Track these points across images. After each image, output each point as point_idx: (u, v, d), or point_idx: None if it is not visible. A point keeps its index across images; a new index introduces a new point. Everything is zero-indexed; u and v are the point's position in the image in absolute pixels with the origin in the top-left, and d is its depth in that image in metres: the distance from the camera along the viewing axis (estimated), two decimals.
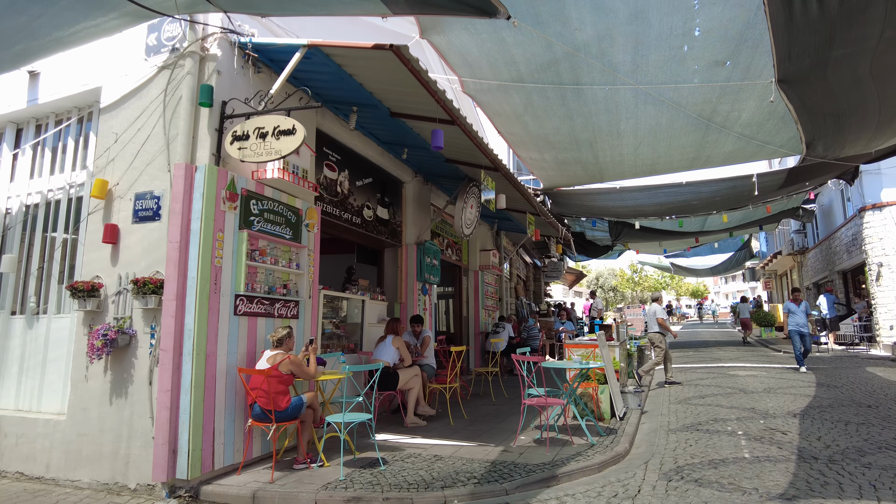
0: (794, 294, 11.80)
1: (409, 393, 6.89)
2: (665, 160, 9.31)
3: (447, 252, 11.17)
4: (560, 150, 8.69)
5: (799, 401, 8.03)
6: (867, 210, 15.09)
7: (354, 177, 7.73)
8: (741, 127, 7.51)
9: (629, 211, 14.46)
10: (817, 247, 21.04)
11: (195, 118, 5.25)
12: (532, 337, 12.52)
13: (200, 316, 4.85)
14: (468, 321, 12.20)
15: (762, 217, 16.18)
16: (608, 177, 10.88)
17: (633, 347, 11.54)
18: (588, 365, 6.11)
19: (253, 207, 5.52)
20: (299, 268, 6.13)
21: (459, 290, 12.00)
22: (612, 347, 8.30)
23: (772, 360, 13.91)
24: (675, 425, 6.77)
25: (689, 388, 9.68)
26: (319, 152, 6.98)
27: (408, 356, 6.93)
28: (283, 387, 5.04)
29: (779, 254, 25.87)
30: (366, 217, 7.94)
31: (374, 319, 8.04)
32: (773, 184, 12.00)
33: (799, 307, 11.38)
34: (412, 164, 9.07)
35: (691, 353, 16.89)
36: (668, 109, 6.83)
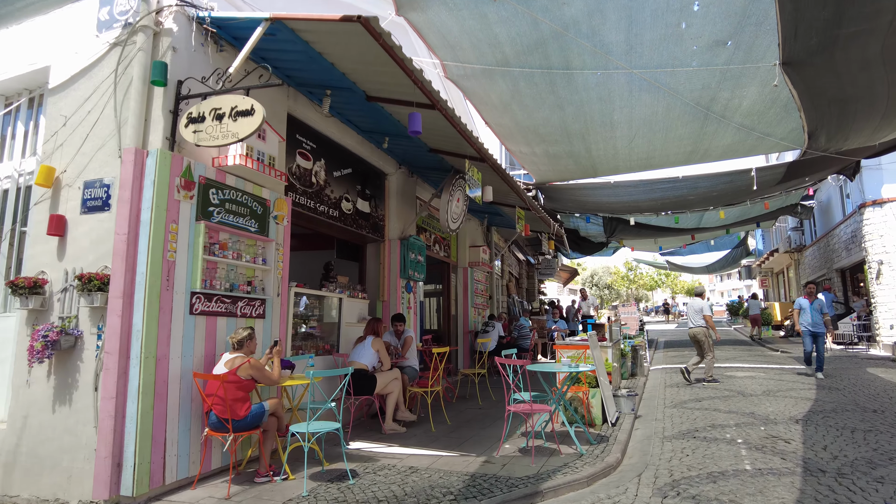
0: (808, 288, 10.44)
1: (388, 397, 6.46)
2: (661, 153, 8.89)
3: (434, 248, 10.74)
4: (551, 142, 8.26)
5: (800, 405, 7.63)
6: (867, 206, 14.72)
7: (331, 167, 7.29)
8: (741, 116, 7.10)
9: (624, 206, 14.06)
10: (815, 244, 20.69)
11: (148, 99, 4.80)
12: (523, 336, 12.09)
13: (150, 315, 4.40)
14: (457, 320, 11.77)
15: (760, 213, 15.84)
16: (602, 171, 10.47)
17: (627, 347, 11.14)
18: (577, 368, 5.69)
19: (213, 197, 5.07)
20: (266, 263, 5.68)
21: (448, 287, 11.57)
22: (605, 348, 7.89)
23: (770, 361, 13.54)
24: (671, 432, 6.36)
25: (685, 390, 9.28)
26: (291, 140, 6.53)
27: (387, 359, 6.50)
28: (242, 393, 4.60)
29: (775, 251, 25.53)
30: (344, 210, 7.49)
31: (353, 319, 7.61)
32: (772, 178, 11.62)
33: (811, 304, 10.10)
34: (396, 155, 8.62)
35: (686, 353, 16.49)
36: (665, 97, 6.40)
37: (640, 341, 13.32)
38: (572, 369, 5.67)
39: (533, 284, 24.00)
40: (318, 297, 7.06)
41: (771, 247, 27.48)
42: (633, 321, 15.23)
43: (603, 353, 7.84)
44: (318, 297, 7.05)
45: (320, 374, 4.60)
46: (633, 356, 11.27)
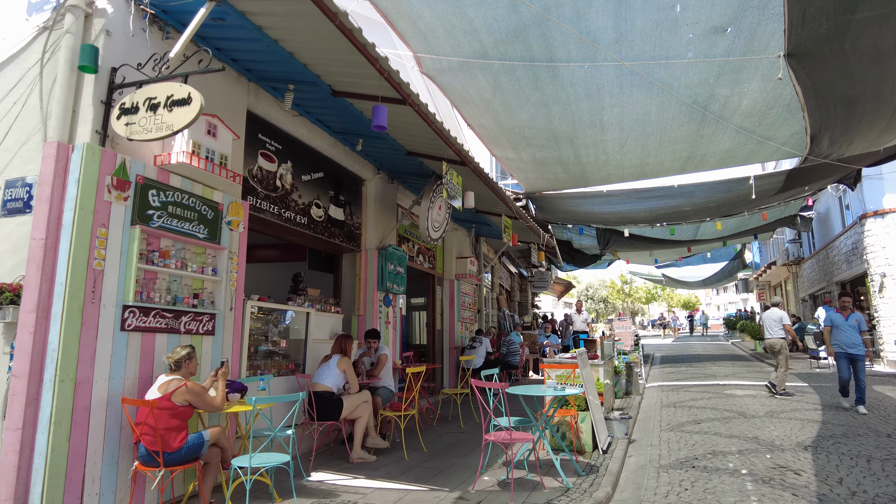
0: (841, 301, 8.58)
1: (356, 423, 5.86)
2: (655, 160, 8.39)
3: (418, 259, 10.18)
4: (537, 147, 7.74)
5: (807, 428, 7.06)
6: (868, 217, 14.26)
7: (300, 170, 6.74)
8: (741, 117, 6.61)
9: (617, 218, 13.56)
10: (813, 257, 20.22)
11: (77, 88, 4.25)
12: (512, 352, 11.52)
13: (69, 332, 3.82)
14: (442, 335, 11.17)
15: (758, 225, 15.36)
16: (592, 181, 9.96)
17: (620, 364, 10.56)
18: (564, 391, 5.11)
19: (152, 199, 4.51)
20: (216, 274, 5.10)
21: (433, 300, 10.99)
22: (596, 367, 7.32)
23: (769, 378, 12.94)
24: (668, 460, 5.77)
25: (683, 410, 8.70)
26: (254, 139, 6.00)
27: (354, 380, 5.91)
28: (177, 421, 4.01)
29: (773, 264, 25.06)
30: (314, 217, 6.94)
31: (324, 335, 7.02)
32: (770, 187, 11.14)
33: (846, 320, 8.32)
34: (373, 159, 8.09)
35: (684, 369, 15.93)
36: (658, 94, 5.90)
37: (635, 357, 12.74)
38: (558, 392, 5.10)
39: (526, 298, 23.43)
40: (282, 312, 6.48)
41: (768, 259, 27.02)
42: (627, 336, 14.69)
43: (594, 371, 7.27)
44: (282, 311, 6.47)
45: (264, 401, 4.01)
46: (628, 373, 10.69)
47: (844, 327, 8.35)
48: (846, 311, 8.45)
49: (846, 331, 8.32)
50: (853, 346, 8.28)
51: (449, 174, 6.26)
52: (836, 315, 8.53)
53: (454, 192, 6.36)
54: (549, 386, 5.34)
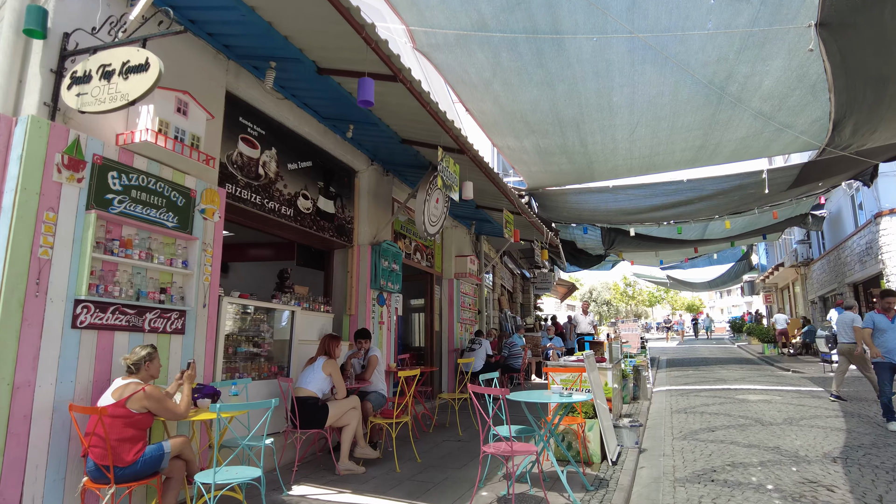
0: (885, 301, 7.31)
1: (344, 431, 5.37)
2: (666, 149, 7.89)
3: (415, 257, 9.70)
4: (541, 133, 7.26)
5: (832, 437, 6.55)
6: (884, 216, 13.74)
7: (286, 158, 6.27)
8: (760, 100, 6.12)
9: (623, 215, 13.05)
10: (823, 257, 19.68)
11: (23, 54, 3.79)
12: (514, 355, 11.02)
13: (6, 329, 3.34)
14: (441, 337, 10.68)
15: (768, 224, 14.85)
16: (599, 174, 9.46)
17: (628, 367, 10.06)
18: (570, 398, 4.62)
19: (113, 182, 4.03)
20: (187, 266, 4.62)
21: (431, 300, 10.50)
22: (604, 371, 6.82)
23: (782, 382, 12.44)
24: (683, 472, 5.27)
25: (695, 416, 8.19)
26: (234, 123, 5.53)
27: (341, 385, 5.42)
28: (133, 431, 3.52)
29: (781, 266, 24.52)
30: (301, 208, 6.46)
31: (312, 335, 6.53)
32: (784, 181, 10.63)
33: (893, 322, 7.14)
34: (366, 149, 7.61)
35: (691, 373, 15.40)
36: (673, 72, 5.42)
37: (642, 360, 12.24)
38: (564, 399, 4.60)
39: (528, 299, 22.93)
40: (266, 311, 5.99)
41: (775, 261, 26.49)
42: (633, 338, 14.19)
43: (602, 375, 6.77)
44: (266, 310, 5.98)
45: (230, 409, 3.52)
46: (636, 377, 10.18)
47: (890, 332, 7.14)
48: (891, 313, 7.23)
49: (891, 335, 7.12)
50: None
51: (445, 161, 5.78)
52: (878, 316, 7.32)
53: (451, 182, 5.88)
54: (554, 391, 4.84)
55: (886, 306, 7.27)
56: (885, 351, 7.14)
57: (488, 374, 5.35)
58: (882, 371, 7.20)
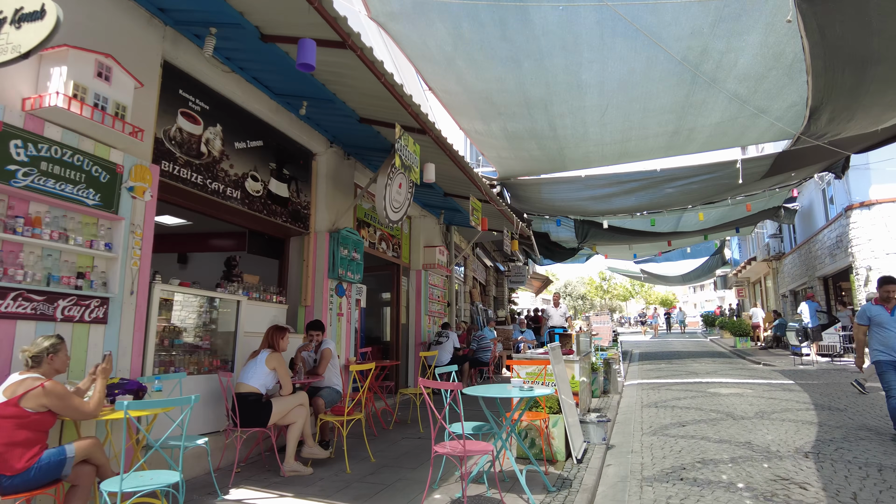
0: (884, 290, 6.07)
1: (290, 429, 4.97)
2: (638, 135, 7.62)
3: (380, 246, 9.30)
4: (508, 116, 6.92)
5: (804, 431, 6.36)
6: (854, 209, 13.74)
7: (233, 136, 5.82)
8: (736, 80, 5.86)
9: (596, 206, 12.82)
10: (795, 251, 19.77)
11: None
12: (483, 348, 10.70)
13: None
14: (407, 330, 10.31)
15: (740, 217, 14.77)
16: (571, 161, 9.17)
17: (598, 360, 9.82)
18: (531, 392, 4.29)
19: (16, 151, 3.57)
20: (111, 249, 4.18)
21: (397, 292, 10.12)
22: (571, 363, 6.52)
23: (753, 375, 12.35)
24: (652, 471, 5.00)
25: (666, 411, 7.96)
26: (172, 95, 5.08)
27: (287, 380, 5.02)
28: (27, 434, 3.09)
29: (753, 260, 24.66)
30: (250, 191, 6.03)
31: (262, 327, 6.03)
32: (757, 171, 10.49)
33: (893, 315, 6.00)
34: (325, 130, 7.19)
35: (664, 366, 15.30)
36: (645, 46, 5.12)
37: (613, 354, 12.04)
38: (525, 393, 4.27)
39: (502, 293, 22.68)
40: (210, 301, 5.56)
41: (747, 256, 26.67)
42: (605, 331, 14.01)
43: (569, 368, 6.48)
44: (210, 299, 5.55)
45: (139, 406, 3.11)
46: (606, 370, 9.95)
47: (891, 324, 5.98)
48: (890, 303, 6.03)
49: (893, 329, 5.94)
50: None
51: (404, 139, 5.39)
52: (875, 308, 6.14)
53: (410, 162, 5.50)
54: (514, 385, 4.51)
55: (885, 296, 6.06)
56: (884, 347, 5.95)
57: (446, 368, 4.99)
58: (886, 371, 5.91)
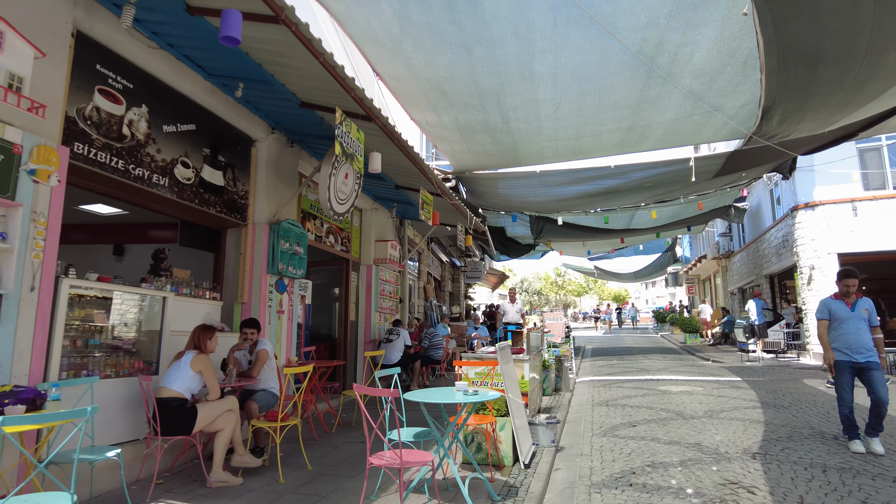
0: (844, 283, 5.58)
1: (218, 437, 4.59)
2: (592, 131, 7.47)
3: (328, 240, 8.91)
4: (460, 107, 6.64)
5: (751, 430, 6.34)
6: (800, 209, 14.08)
7: (161, 118, 5.36)
8: (691, 76, 5.75)
9: (551, 202, 12.73)
10: (743, 250, 20.27)
11: None
12: (435, 346, 10.45)
13: None
14: (356, 327, 9.96)
15: (692, 215, 14.96)
16: (525, 156, 8.96)
17: (550, 357, 9.70)
18: (476, 397, 4.04)
19: None
20: (6, 239, 3.71)
21: (346, 288, 9.74)
22: (521, 363, 6.32)
23: (703, 372, 12.51)
24: (601, 475, 4.83)
25: (616, 410, 7.88)
26: (88, 70, 4.59)
27: (214, 383, 4.63)
28: None
29: (703, 258, 25.22)
30: (180, 178, 5.57)
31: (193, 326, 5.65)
32: (710, 169, 10.57)
33: (853, 310, 5.52)
34: (265, 115, 6.76)
35: (615, 362, 15.40)
36: (600, 36, 4.92)
37: (565, 350, 11.99)
38: (469, 398, 4.02)
39: (458, 288, 22.51)
40: (135, 297, 5.09)
41: (698, 254, 27.28)
42: (558, 327, 13.97)
43: (518, 368, 6.28)
44: (134, 296, 5.08)
45: (17, 422, 2.70)
46: (558, 368, 9.85)
47: (850, 322, 5.50)
48: (850, 298, 5.59)
49: (852, 326, 5.48)
50: (862, 350, 5.41)
51: (346, 125, 5.05)
52: (835, 303, 5.65)
53: (353, 150, 5.17)
54: (459, 389, 4.26)
55: (845, 290, 5.58)
56: (843, 346, 5.50)
57: (386, 371, 4.69)
58: (841, 373, 5.51)
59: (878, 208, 13.35)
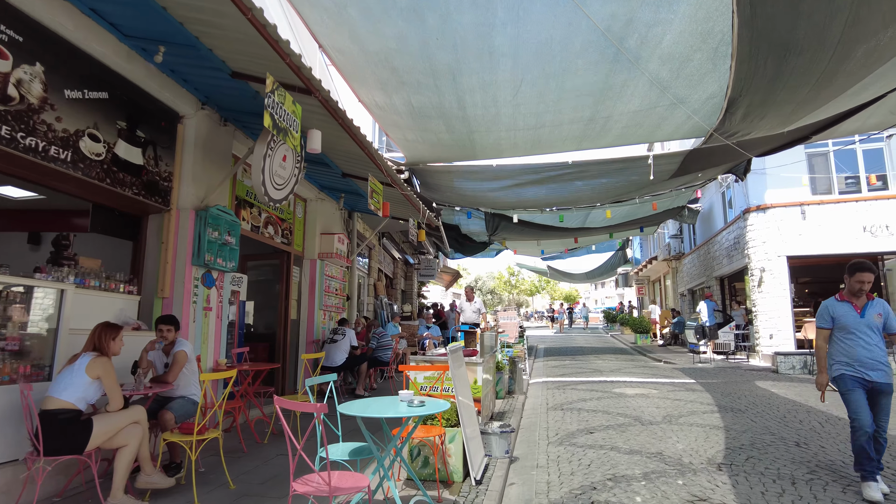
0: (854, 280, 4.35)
1: (119, 454, 3.90)
2: (552, 120, 7.05)
3: (266, 231, 8.20)
4: (412, 87, 6.09)
5: (713, 437, 6.05)
6: (751, 212, 14.16)
7: (62, 81, 4.59)
8: (660, 60, 5.39)
9: (507, 198, 12.34)
10: (694, 252, 20.46)
11: None
12: (383, 346, 9.86)
13: None
14: (298, 326, 9.26)
15: (646, 216, 14.89)
16: (481, 148, 8.49)
17: (503, 358, 9.28)
18: (422, 410, 3.51)
19: None
20: None
21: (287, 284, 9.02)
22: (473, 366, 5.83)
23: (656, 373, 12.36)
24: (559, 491, 4.39)
25: (572, 414, 7.51)
26: None
27: (115, 391, 3.94)
28: None
29: (654, 259, 25.47)
30: (88, 154, 4.81)
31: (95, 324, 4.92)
32: (668, 168, 10.38)
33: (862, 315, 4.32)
34: (196, 88, 6.03)
35: (568, 362, 15.17)
36: (566, 9, 4.46)
37: (519, 351, 11.62)
38: (414, 410, 3.49)
39: (411, 286, 21.93)
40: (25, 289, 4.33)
41: (648, 255, 27.56)
42: (512, 327, 13.59)
43: (471, 372, 5.78)
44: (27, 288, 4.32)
45: None
46: (512, 370, 9.44)
47: (860, 330, 4.32)
48: (860, 300, 4.39)
49: (863, 337, 4.30)
50: (877, 367, 4.24)
51: (279, 95, 4.42)
52: (840, 306, 4.46)
53: (286, 125, 4.55)
54: (403, 399, 3.71)
55: (857, 287, 4.34)
56: (849, 360, 4.33)
57: (321, 379, 4.10)
58: (852, 390, 4.27)
59: (825, 212, 13.54)
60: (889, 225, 13.06)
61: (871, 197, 13.36)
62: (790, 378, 11.24)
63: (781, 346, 13.11)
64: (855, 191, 13.80)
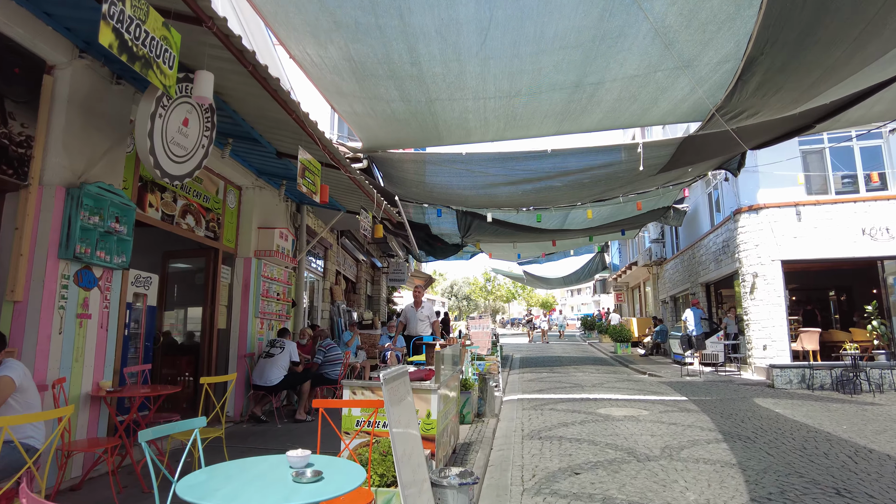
0: None
1: None
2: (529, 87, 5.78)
3: (185, 221, 6.76)
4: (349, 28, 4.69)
5: (728, 481, 4.79)
6: (743, 212, 13.10)
7: None
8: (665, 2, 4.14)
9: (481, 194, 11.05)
10: (677, 257, 19.42)
11: None
12: (331, 361, 8.41)
13: None
14: (227, 337, 7.79)
15: (629, 216, 13.76)
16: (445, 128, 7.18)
17: (472, 375, 7.96)
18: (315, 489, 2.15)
19: None
20: None
21: (213, 286, 7.56)
22: (425, 395, 4.47)
23: (643, 389, 11.13)
24: None
25: (552, 446, 6.21)
26: None
27: None
28: None
29: (634, 265, 24.45)
30: None
31: None
32: (657, 163, 9.24)
33: None
34: (71, 30, 4.59)
35: (545, 375, 13.91)
36: None
37: (491, 364, 10.31)
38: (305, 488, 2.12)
39: (378, 291, 20.46)
40: None
41: (628, 260, 26.58)
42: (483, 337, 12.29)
43: (423, 403, 4.43)
44: None
45: None
46: (482, 387, 8.11)
47: None
48: None
49: None
50: None
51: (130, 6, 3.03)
52: None
53: (149, 53, 3.16)
54: (293, 464, 2.34)
55: None
56: None
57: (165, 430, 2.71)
58: None
59: (821, 213, 12.55)
60: (889, 227, 12.12)
61: (870, 197, 12.43)
62: (789, 394, 10.14)
63: (776, 357, 12.03)
64: (852, 190, 12.86)
